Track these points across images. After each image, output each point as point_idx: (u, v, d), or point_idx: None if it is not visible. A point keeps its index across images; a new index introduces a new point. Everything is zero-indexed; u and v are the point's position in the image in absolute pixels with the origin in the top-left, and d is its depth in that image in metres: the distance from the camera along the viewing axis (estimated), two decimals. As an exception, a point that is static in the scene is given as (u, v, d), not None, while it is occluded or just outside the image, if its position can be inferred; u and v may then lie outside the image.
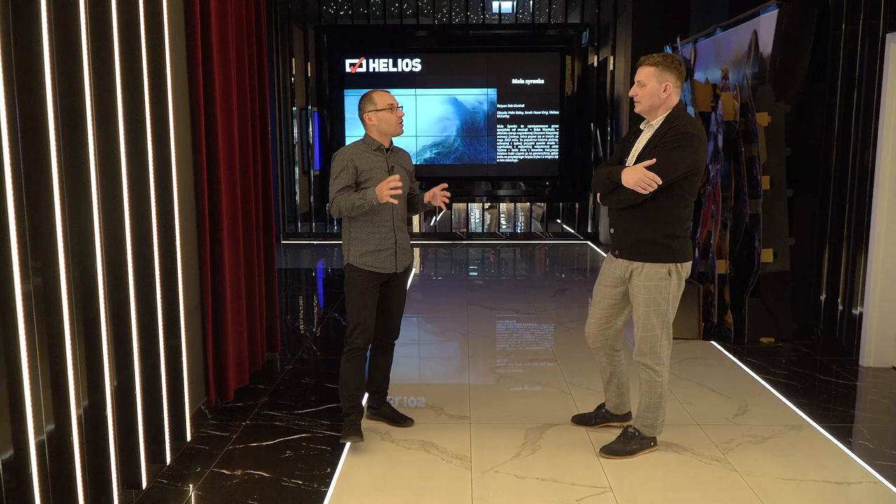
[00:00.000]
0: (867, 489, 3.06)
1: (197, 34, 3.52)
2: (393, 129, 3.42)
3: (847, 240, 4.85)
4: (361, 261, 3.39)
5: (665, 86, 3.04)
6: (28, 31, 2.24)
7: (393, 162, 3.46)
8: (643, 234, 3.12)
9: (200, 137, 3.60)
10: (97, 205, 2.59)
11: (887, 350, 4.57)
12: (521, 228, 11.59)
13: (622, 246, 3.21)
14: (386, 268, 3.43)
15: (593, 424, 3.65)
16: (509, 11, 11.11)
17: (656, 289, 3.13)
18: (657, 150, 3.02)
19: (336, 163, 3.37)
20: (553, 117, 10.72)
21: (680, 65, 3.07)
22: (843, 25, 4.84)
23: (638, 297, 3.18)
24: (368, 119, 3.39)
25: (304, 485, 3.08)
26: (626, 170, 3.04)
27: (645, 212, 3.10)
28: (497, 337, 5.51)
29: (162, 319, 3.12)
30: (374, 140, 3.42)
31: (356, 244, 3.41)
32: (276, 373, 4.54)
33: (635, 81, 3.10)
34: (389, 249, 3.43)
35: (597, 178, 3.26)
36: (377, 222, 3.39)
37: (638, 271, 3.16)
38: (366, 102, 3.40)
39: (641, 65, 3.08)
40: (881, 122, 4.43)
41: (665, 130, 3.05)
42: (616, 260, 3.26)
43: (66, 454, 2.44)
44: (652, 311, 3.16)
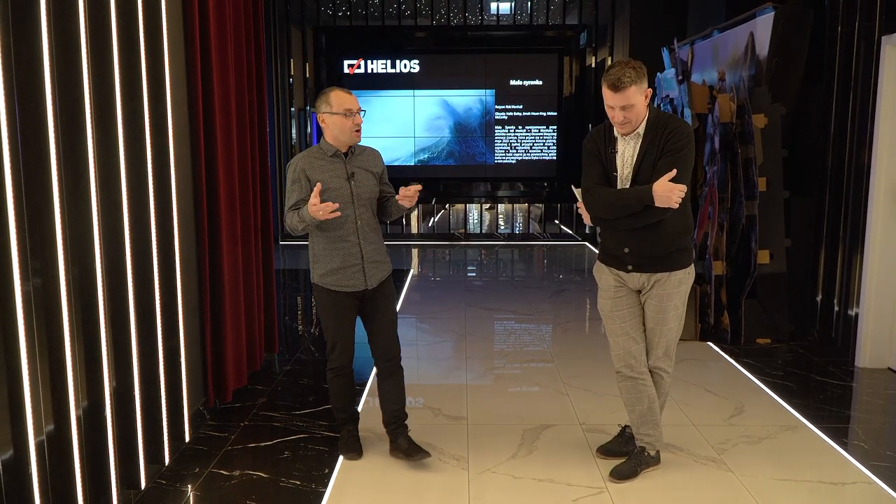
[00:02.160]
0: (862, 489, 3.08)
1: (195, 35, 3.54)
2: (347, 137, 3.03)
3: (843, 241, 4.87)
4: (326, 280, 3.10)
5: (646, 94, 2.83)
6: (28, 34, 2.25)
7: (355, 166, 3.09)
8: (670, 245, 2.94)
9: (199, 138, 3.62)
10: (96, 206, 2.60)
11: (883, 351, 4.59)
12: (520, 229, 11.61)
13: (642, 262, 2.97)
14: (354, 286, 3.10)
15: (637, 475, 3.16)
16: (507, 13, 11.13)
17: (681, 294, 3.02)
18: (668, 158, 2.81)
19: (288, 175, 3.07)
20: (551, 118, 10.74)
21: (641, 65, 2.82)
22: (839, 28, 4.86)
23: (662, 305, 3.00)
24: (322, 121, 3.03)
25: (302, 485, 3.10)
26: (655, 188, 2.76)
27: (667, 224, 2.90)
28: (495, 338, 5.52)
29: (161, 320, 3.14)
30: (329, 145, 3.06)
31: (318, 261, 3.11)
32: (275, 374, 4.55)
33: (617, 108, 2.80)
34: (356, 266, 3.09)
35: (613, 205, 2.89)
36: (338, 236, 3.06)
37: (663, 280, 2.97)
38: (321, 102, 3.01)
39: (621, 88, 2.75)
40: (877, 123, 4.46)
41: (663, 133, 2.84)
42: (627, 273, 3.03)
43: (66, 454, 2.45)
44: (675, 315, 3.03)
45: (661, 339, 3.07)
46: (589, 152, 3.04)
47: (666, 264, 2.96)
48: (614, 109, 2.83)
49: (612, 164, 2.96)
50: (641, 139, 2.89)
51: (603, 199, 2.94)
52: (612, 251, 3.06)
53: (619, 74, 2.76)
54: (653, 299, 3.02)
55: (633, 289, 3.07)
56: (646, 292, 3.04)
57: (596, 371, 4.57)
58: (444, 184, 10.65)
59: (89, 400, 2.63)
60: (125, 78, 2.83)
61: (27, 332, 2.24)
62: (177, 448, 3.35)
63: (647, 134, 2.87)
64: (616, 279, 3.08)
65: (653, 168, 2.84)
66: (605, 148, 2.98)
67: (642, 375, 3.10)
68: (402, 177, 10.40)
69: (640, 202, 2.83)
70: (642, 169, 2.88)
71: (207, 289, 3.76)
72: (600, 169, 2.99)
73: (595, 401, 4.07)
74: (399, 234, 10.64)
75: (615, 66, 2.82)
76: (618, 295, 3.09)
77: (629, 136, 2.91)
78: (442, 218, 12.47)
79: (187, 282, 3.55)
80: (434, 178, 10.61)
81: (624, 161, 2.94)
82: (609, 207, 2.92)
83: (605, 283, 3.13)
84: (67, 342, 2.42)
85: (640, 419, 3.15)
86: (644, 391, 3.11)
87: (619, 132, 2.91)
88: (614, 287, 3.09)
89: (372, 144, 3.32)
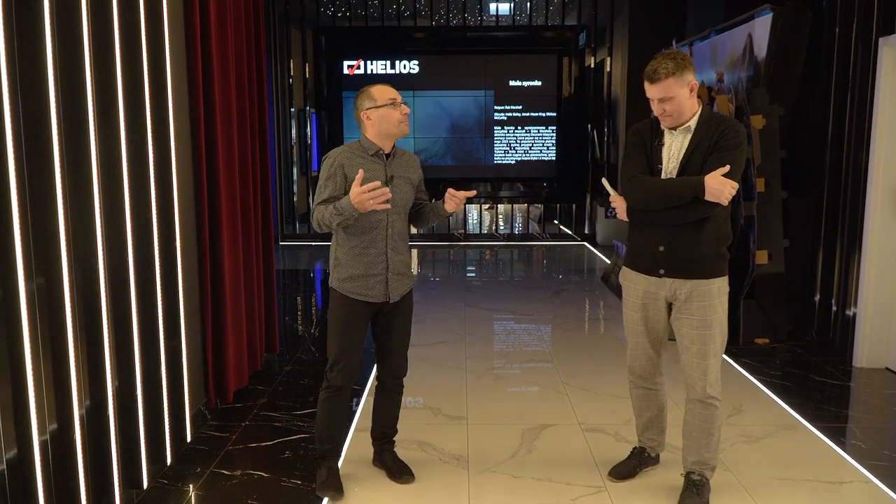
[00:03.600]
0: (859, 489, 3.10)
1: (196, 36, 3.55)
2: (396, 129, 2.85)
3: (841, 241, 4.89)
4: (345, 286, 2.88)
5: (690, 86, 2.67)
6: (31, 34, 2.27)
7: (393, 170, 2.90)
8: (709, 249, 2.75)
9: (200, 139, 3.63)
10: (99, 207, 2.62)
11: (880, 351, 4.61)
12: (519, 229, 11.63)
13: (676, 265, 2.77)
14: (374, 296, 2.89)
15: (636, 475, 3.16)
16: (507, 13, 11.15)
17: (720, 306, 2.78)
18: (719, 154, 2.65)
19: (324, 168, 2.86)
20: (550, 119, 10.76)
21: (686, 56, 2.69)
22: (837, 29, 4.88)
23: (706, 320, 2.76)
24: (366, 118, 2.85)
25: (302, 485, 3.11)
26: (707, 180, 2.60)
27: (711, 224, 2.73)
28: (494, 338, 5.54)
29: (162, 320, 3.15)
30: (371, 143, 2.87)
31: (340, 265, 2.89)
32: (275, 374, 4.57)
33: (654, 100, 2.69)
34: (379, 275, 2.88)
35: (658, 193, 2.72)
36: (366, 241, 2.86)
37: (698, 291, 2.76)
38: (363, 99, 2.86)
39: (656, 80, 2.65)
40: (874, 124, 4.48)
41: (716, 130, 2.68)
42: (658, 279, 2.82)
43: (69, 454, 2.47)
44: (716, 332, 2.78)
45: (709, 360, 2.79)
46: (633, 143, 2.87)
47: (702, 270, 2.76)
48: (653, 101, 2.71)
49: (657, 157, 2.80)
50: (692, 134, 2.73)
51: (649, 186, 2.74)
52: (644, 251, 2.86)
53: (655, 65, 2.66)
54: (694, 314, 2.77)
55: (663, 300, 2.86)
56: (679, 305, 2.81)
57: (595, 371, 4.59)
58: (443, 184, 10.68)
59: (92, 400, 2.65)
60: (127, 78, 2.85)
61: (31, 332, 2.26)
62: (178, 448, 3.37)
63: (698, 129, 2.72)
64: (645, 288, 2.88)
65: (701, 164, 2.68)
66: (651, 140, 2.83)
67: (655, 385, 3.04)
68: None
69: (690, 193, 2.65)
70: (690, 164, 2.71)
71: (209, 289, 3.77)
72: (644, 160, 2.82)
73: (594, 400, 4.09)
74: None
75: (655, 58, 2.71)
76: (646, 308, 2.90)
77: (678, 130, 2.76)
78: (441, 218, 12.49)
79: (188, 282, 3.57)
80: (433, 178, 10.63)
81: (671, 154, 2.77)
82: (655, 195, 2.72)
83: (631, 291, 2.94)
84: (71, 342, 2.44)
85: (647, 424, 3.11)
86: (656, 400, 3.04)
87: (665, 125, 2.77)
88: (642, 297, 2.90)
89: None
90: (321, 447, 3.04)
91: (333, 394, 2.96)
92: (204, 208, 3.70)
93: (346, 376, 2.92)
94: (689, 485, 2.92)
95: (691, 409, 2.89)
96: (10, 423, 2.23)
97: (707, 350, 2.78)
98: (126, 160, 2.84)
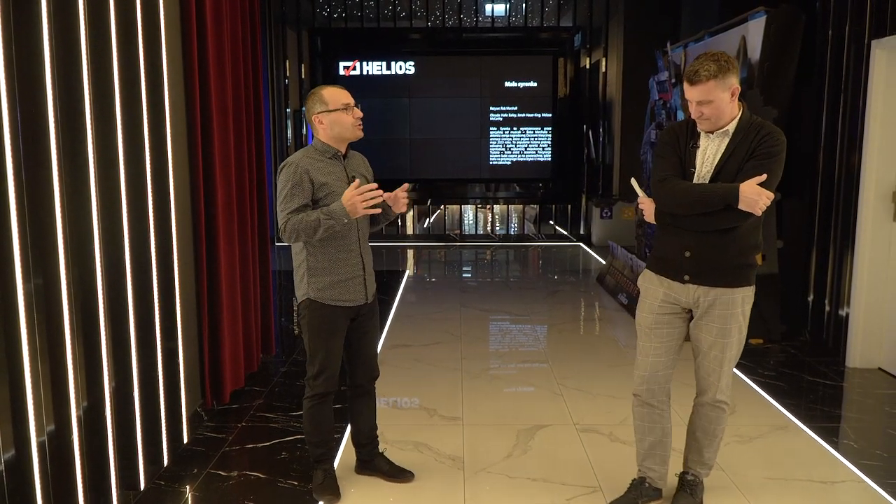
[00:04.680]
0: (852, 488, 3.12)
1: (193, 37, 3.56)
2: (350, 133, 2.82)
3: (834, 242, 4.92)
4: (326, 294, 2.82)
5: (732, 91, 2.54)
6: (28, 36, 2.28)
7: (352, 170, 2.89)
8: (737, 257, 2.65)
9: (196, 140, 3.64)
10: (96, 207, 2.63)
11: (873, 351, 4.64)
12: (515, 230, 11.66)
13: (702, 271, 2.66)
14: (355, 299, 2.88)
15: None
16: (502, 14, 11.17)
17: (742, 315, 2.69)
18: (757, 162, 2.53)
19: (284, 176, 2.75)
20: (546, 119, 10.78)
21: (730, 59, 2.55)
22: (830, 32, 4.92)
23: (727, 328, 2.68)
24: (318, 121, 2.80)
25: (299, 486, 3.13)
26: (743, 188, 2.48)
27: (741, 232, 2.62)
28: (490, 338, 5.56)
29: (159, 321, 3.16)
30: (327, 146, 2.83)
31: (318, 274, 2.82)
32: (271, 375, 4.58)
33: (693, 102, 2.58)
34: (358, 277, 2.88)
35: (689, 198, 2.60)
36: (343, 246, 2.83)
37: (721, 299, 2.66)
38: (314, 102, 2.80)
39: (696, 82, 2.53)
40: (866, 126, 4.51)
41: (756, 136, 2.56)
42: (682, 285, 2.71)
43: (67, 455, 2.48)
44: (734, 341, 2.71)
45: (725, 367, 2.73)
46: (666, 143, 2.75)
47: (729, 279, 2.65)
48: (692, 104, 2.59)
49: (690, 159, 2.68)
50: (730, 139, 2.61)
51: (681, 190, 2.62)
52: (670, 256, 2.74)
53: (697, 67, 2.53)
54: (715, 321, 2.68)
55: (683, 307, 2.75)
56: (701, 313, 2.71)
57: (590, 371, 4.61)
58: (438, 185, 10.69)
59: (89, 401, 2.66)
60: (124, 79, 2.86)
61: (29, 333, 2.27)
62: (175, 449, 3.38)
63: (736, 134, 2.60)
64: (665, 292, 2.76)
65: (737, 170, 2.56)
66: (686, 141, 2.71)
67: (661, 405, 2.87)
68: (397, 178, 10.43)
69: (723, 200, 2.53)
70: (725, 170, 2.59)
71: (205, 290, 3.78)
72: (676, 161, 2.71)
73: (589, 401, 4.11)
74: (394, 235, 10.66)
75: (698, 58, 2.57)
76: (662, 311, 2.77)
77: (716, 134, 2.63)
78: (437, 219, 12.51)
79: (185, 283, 3.58)
80: (429, 178, 10.65)
81: (705, 158, 2.66)
82: (685, 200, 2.61)
83: (650, 294, 2.81)
84: (68, 343, 2.45)
85: (648, 451, 2.91)
86: (659, 422, 2.88)
87: (702, 129, 2.66)
88: (661, 301, 2.77)
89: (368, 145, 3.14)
90: (315, 452, 3.04)
91: (319, 401, 2.95)
92: (200, 209, 3.71)
93: (332, 383, 2.93)
94: (682, 485, 2.92)
95: (699, 410, 2.84)
96: (7, 424, 2.25)
97: (724, 357, 2.71)
98: (123, 161, 2.85)
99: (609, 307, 6.52)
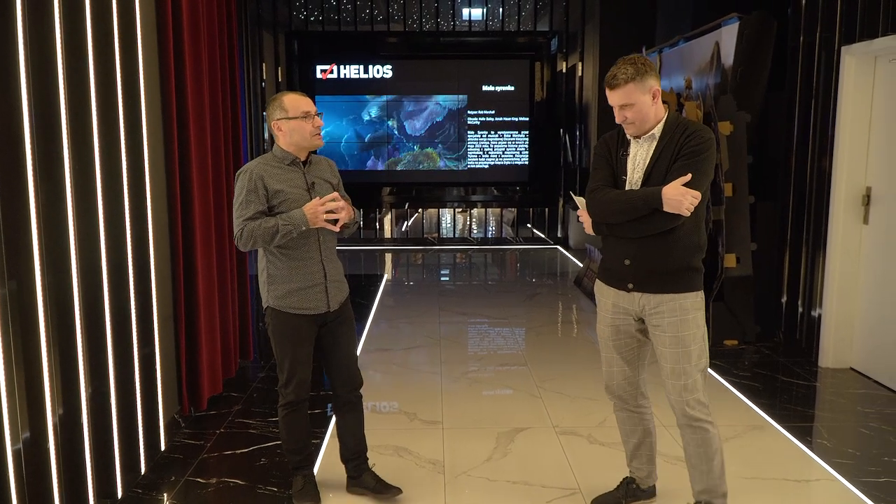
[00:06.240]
0: (825, 486, 3.18)
1: (169, 40, 3.54)
2: (308, 143, 2.79)
3: (806, 244, 5.01)
4: (284, 302, 2.79)
5: (653, 92, 2.55)
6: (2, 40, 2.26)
7: (313, 177, 2.84)
8: (677, 262, 2.60)
9: (173, 143, 3.62)
10: (72, 213, 2.61)
11: (844, 351, 4.73)
12: (492, 233, 11.69)
13: (644, 278, 2.64)
14: (316, 307, 2.83)
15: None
16: (479, 19, 11.21)
17: (693, 322, 2.61)
18: (683, 162, 2.52)
19: (240, 183, 2.74)
20: (523, 123, 10.83)
21: (647, 61, 2.57)
22: (801, 38, 5.00)
23: (674, 339, 2.61)
24: (277, 128, 2.77)
25: (279, 492, 3.11)
26: (665, 190, 2.49)
27: (678, 236, 2.58)
28: (468, 342, 5.57)
29: (136, 328, 3.14)
30: (286, 153, 2.79)
31: (277, 282, 2.80)
32: (250, 380, 4.55)
33: (615, 107, 2.59)
34: (319, 285, 2.82)
35: (615, 206, 2.61)
36: (300, 254, 2.79)
37: (668, 306, 2.61)
38: (274, 108, 2.76)
39: (615, 86, 2.55)
40: (837, 131, 4.60)
41: (680, 137, 2.56)
42: (627, 294, 2.69)
43: (43, 463, 2.45)
44: (693, 350, 2.61)
45: (685, 380, 2.62)
46: (598, 154, 2.77)
47: (672, 284, 2.61)
48: (615, 109, 2.60)
49: (622, 168, 2.68)
50: (657, 142, 2.61)
51: (608, 199, 2.63)
52: (613, 265, 2.74)
53: (615, 71, 2.55)
54: (666, 330, 2.62)
55: (634, 315, 2.72)
56: (651, 322, 2.67)
57: (569, 374, 4.64)
58: (416, 188, 10.70)
59: (65, 408, 2.63)
60: (100, 82, 2.84)
61: (3, 339, 2.24)
62: (152, 457, 3.35)
63: (663, 137, 2.60)
64: (615, 302, 2.75)
65: (665, 173, 2.55)
66: (616, 150, 2.71)
67: (638, 408, 2.87)
68: (374, 181, 10.42)
69: (646, 204, 2.53)
70: (654, 173, 2.59)
71: (182, 295, 3.75)
72: (608, 171, 2.71)
73: (568, 403, 4.13)
74: (372, 238, 10.65)
75: (616, 63, 2.59)
76: (616, 322, 2.77)
77: (643, 139, 2.63)
78: (415, 222, 12.51)
79: (162, 288, 3.55)
80: (407, 182, 10.66)
81: (635, 164, 2.65)
82: (612, 209, 2.62)
83: (603, 305, 2.82)
84: (44, 349, 2.42)
85: (633, 451, 2.94)
86: (640, 424, 2.88)
87: (628, 134, 2.65)
88: (612, 312, 2.77)
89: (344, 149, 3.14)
90: (293, 459, 3.02)
91: (293, 409, 2.92)
92: (177, 214, 3.68)
93: (302, 390, 2.90)
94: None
95: (683, 434, 2.72)
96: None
97: (681, 369, 2.61)
98: (99, 166, 2.83)
99: (587, 309, 6.56)
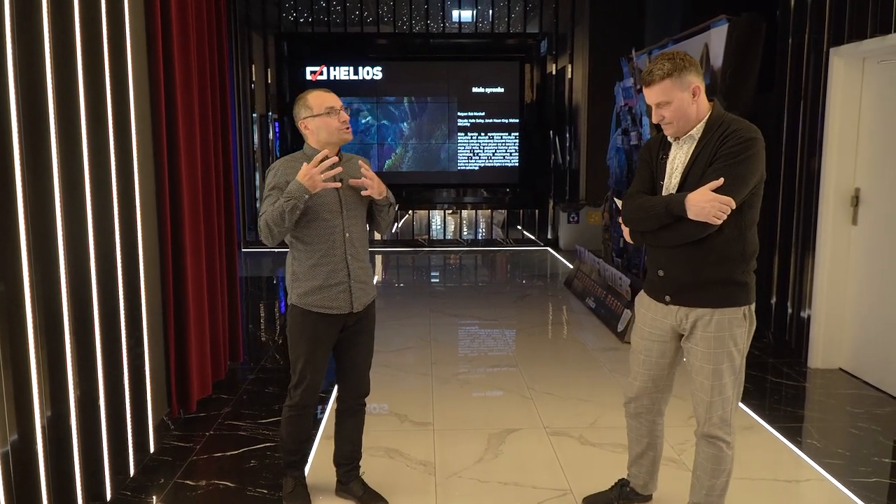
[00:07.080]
0: (815, 486, 3.19)
1: (158, 41, 3.52)
2: (336, 137, 2.72)
3: (795, 245, 5.03)
4: (307, 300, 2.73)
5: (693, 89, 2.36)
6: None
7: (343, 173, 2.76)
8: (713, 273, 2.41)
9: (162, 145, 3.59)
10: (60, 214, 2.58)
11: (833, 352, 4.75)
12: (483, 235, 11.71)
13: (678, 291, 2.49)
14: (338, 307, 2.75)
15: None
16: (469, 20, 11.22)
17: (731, 340, 2.44)
18: (718, 165, 2.31)
19: (267, 180, 2.74)
20: (513, 125, 10.85)
21: (687, 56, 2.39)
22: (790, 40, 5.03)
23: (706, 354, 2.46)
24: (304, 127, 2.73)
25: (269, 494, 3.09)
26: (690, 197, 2.30)
27: (714, 245, 2.38)
28: (459, 343, 5.57)
29: (125, 329, 3.11)
30: (315, 151, 2.74)
31: (300, 279, 2.75)
32: (239, 382, 4.53)
33: (652, 105, 2.43)
34: (342, 284, 2.74)
35: (640, 214, 2.48)
36: (324, 250, 2.72)
37: (705, 321, 2.44)
38: (300, 108, 2.73)
39: (650, 82, 2.39)
40: (825, 132, 4.62)
41: (719, 138, 2.35)
42: (665, 307, 2.54)
43: (31, 466, 2.42)
44: (725, 368, 2.46)
45: (707, 396, 2.49)
46: (641, 159, 2.63)
47: (707, 298, 2.43)
48: (653, 108, 2.44)
49: (660, 172, 2.51)
50: (696, 143, 2.41)
51: (632, 207, 2.50)
52: (650, 276, 2.61)
53: (651, 67, 2.38)
54: (699, 345, 2.46)
55: (670, 330, 2.57)
56: (687, 336, 2.52)
57: (559, 375, 4.64)
58: (406, 190, 10.69)
59: (53, 410, 2.60)
60: (89, 83, 2.82)
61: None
62: (141, 459, 3.32)
63: (702, 137, 2.40)
64: (652, 316, 2.61)
65: (701, 177, 2.35)
66: (657, 154, 2.55)
67: (650, 422, 2.79)
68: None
69: (668, 211, 2.36)
70: (689, 178, 2.39)
71: (171, 297, 3.73)
72: (647, 175, 2.56)
73: (559, 404, 4.13)
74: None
75: (653, 59, 2.44)
76: (651, 337, 2.63)
77: (683, 140, 2.45)
78: (405, 224, 12.50)
79: (151, 290, 3.53)
80: (397, 184, 10.66)
81: (673, 168, 2.48)
82: (636, 216, 2.49)
83: (639, 317, 2.69)
84: (32, 350, 2.40)
85: (635, 458, 2.89)
86: (646, 435, 2.81)
87: (667, 135, 2.49)
88: (648, 325, 2.63)
89: None
90: (287, 458, 2.98)
91: (298, 412, 2.86)
92: (166, 215, 3.66)
93: (311, 394, 2.83)
94: None
95: (698, 443, 2.63)
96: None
97: (711, 386, 2.47)
98: (87, 167, 2.80)
99: (577, 311, 6.57)
